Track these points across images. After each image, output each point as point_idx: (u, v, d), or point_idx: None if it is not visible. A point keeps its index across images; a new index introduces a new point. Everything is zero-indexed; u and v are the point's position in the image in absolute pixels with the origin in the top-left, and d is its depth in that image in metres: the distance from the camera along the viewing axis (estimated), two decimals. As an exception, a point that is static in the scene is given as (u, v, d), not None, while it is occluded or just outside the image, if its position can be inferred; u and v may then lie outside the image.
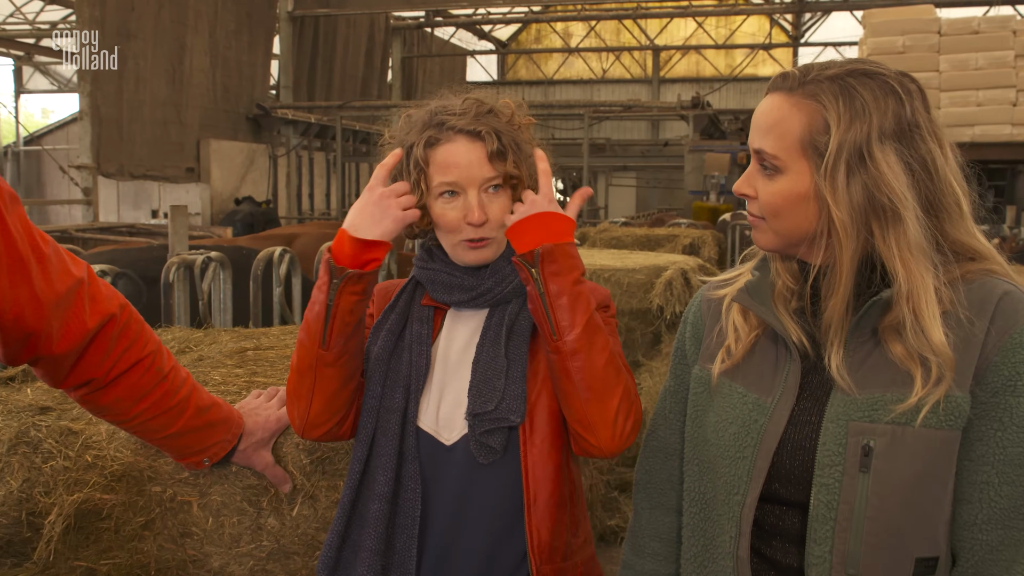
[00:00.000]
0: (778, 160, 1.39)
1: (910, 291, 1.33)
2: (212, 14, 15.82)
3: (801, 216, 1.39)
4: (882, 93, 1.36)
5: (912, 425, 1.31)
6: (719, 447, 1.49)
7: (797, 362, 1.43)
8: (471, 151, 1.61)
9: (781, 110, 1.40)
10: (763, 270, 1.53)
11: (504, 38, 29.65)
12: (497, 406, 1.57)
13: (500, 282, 1.65)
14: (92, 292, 1.60)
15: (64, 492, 1.88)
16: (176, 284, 4.43)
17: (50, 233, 11.19)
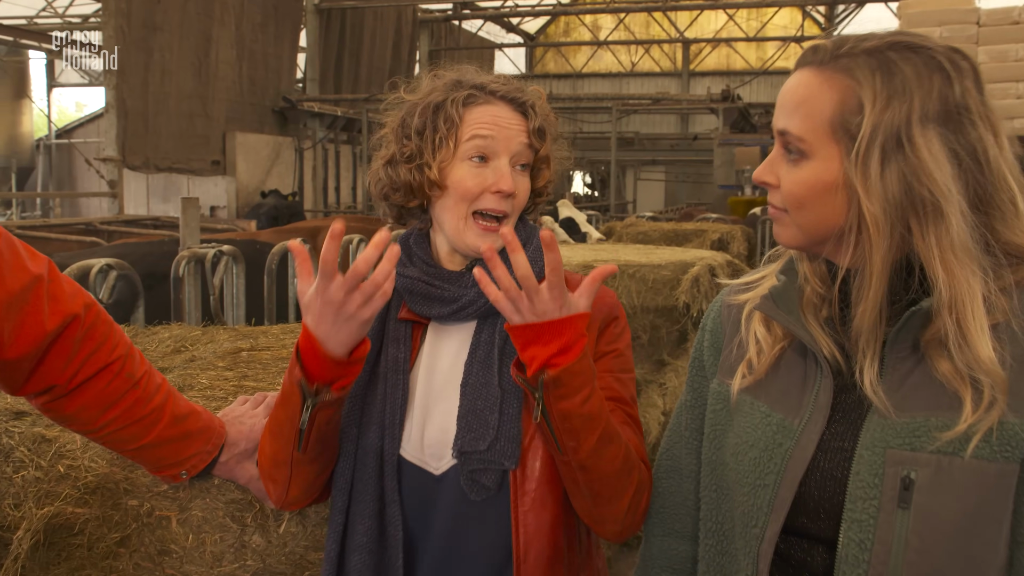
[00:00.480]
0: (804, 143, 1.21)
1: (953, 299, 1.15)
2: (238, 6, 15.76)
3: (828, 209, 1.21)
4: (927, 70, 1.17)
5: (960, 455, 1.13)
6: (738, 472, 1.31)
7: (829, 378, 1.25)
8: (513, 118, 1.49)
9: (810, 87, 1.22)
10: (790, 273, 1.36)
11: (532, 31, 29.43)
12: (490, 446, 1.40)
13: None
14: (53, 291, 1.46)
15: (34, 505, 1.74)
16: (187, 278, 4.31)
17: (74, 225, 11.22)
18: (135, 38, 12.98)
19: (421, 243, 1.56)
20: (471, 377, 1.46)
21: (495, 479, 1.42)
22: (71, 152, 25.42)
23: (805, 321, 1.30)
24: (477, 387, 1.44)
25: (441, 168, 1.48)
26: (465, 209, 1.47)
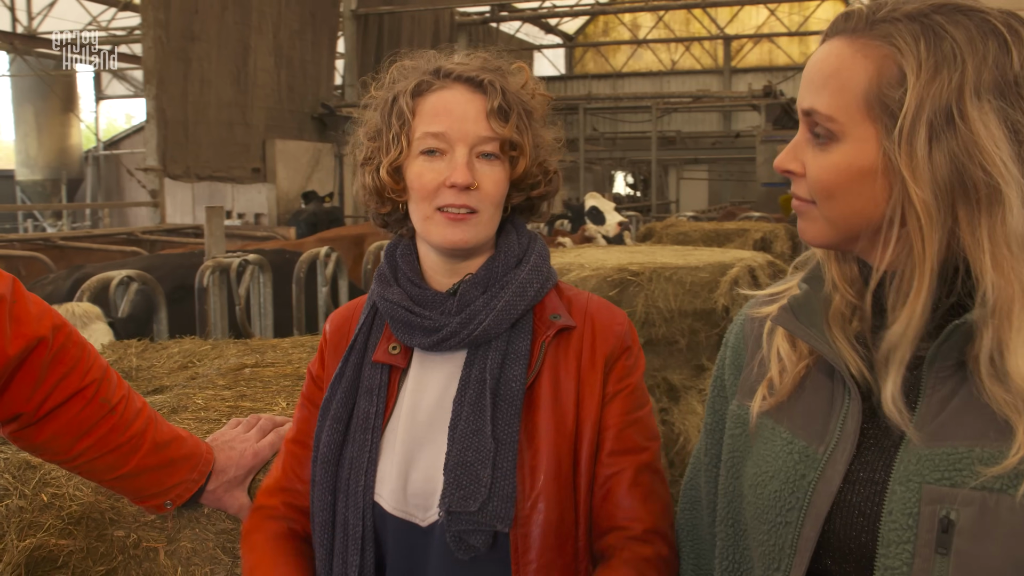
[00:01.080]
0: (834, 123, 1.05)
1: (999, 302, 0.98)
2: (276, 14, 15.83)
3: (864, 198, 1.05)
4: (980, 34, 1.00)
5: (1010, 493, 0.96)
6: (757, 507, 1.16)
7: (857, 401, 1.09)
8: (469, 102, 1.33)
9: (840, 57, 1.06)
10: (814, 282, 1.19)
11: (571, 31, 29.26)
12: (482, 507, 1.25)
13: (470, 320, 1.33)
14: (16, 312, 1.35)
15: (16, 537, 1.64)
16: (211, 289, 4.24)
17: (116, 235, 11.31)
18: (174, 48, 13.08)
19: (407, 255, 1.43)
20: (460, 421, 1.31)
21: (486, 541, 1.28)
22: (118, 163, 25.79)
23: (830, 335, 1.14)
24: (467, 435, 1.30)
25: (398, 167, 1.36)
26: (427, 208, 1.34)
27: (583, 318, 1.39)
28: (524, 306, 1.36)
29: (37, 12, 19.19)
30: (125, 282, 3.60)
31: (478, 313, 1.34)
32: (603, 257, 5.36)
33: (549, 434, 1.31)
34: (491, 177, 1.35)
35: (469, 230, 1.33)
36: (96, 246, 10.16)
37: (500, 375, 1.32)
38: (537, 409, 1.33)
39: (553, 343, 1.37)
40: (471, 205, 1.33)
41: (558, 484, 1.30)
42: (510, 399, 1.31)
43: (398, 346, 1.39)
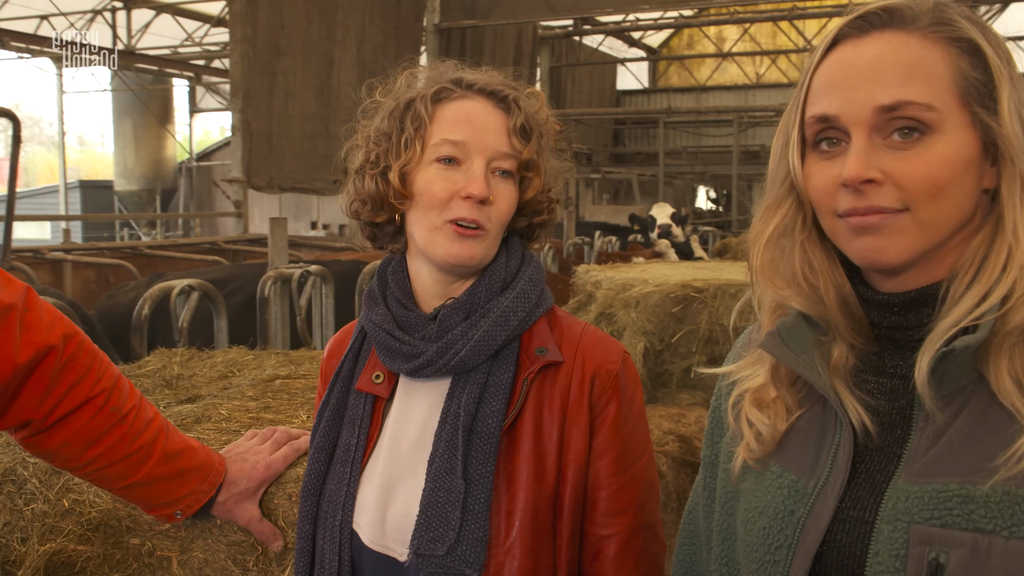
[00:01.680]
0: (934, 111, 0.98)
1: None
2: (360, 29, 16.11)
3: (965, 191, 1.00)
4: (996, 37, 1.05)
5: (1003, 535, 0.88)
6: (747, 544, 1.10)
7: (848, 432, 1.03)
8: (491, 115, 1.30)
9: (910, 47, 1.00)
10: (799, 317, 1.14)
11: (655, 45, 29.05)
12: (449, 551, 1.22)
13: (447, 348, 1.28)
14: (28, 321, 1.38)
15: (37, 541, 1.68)
16: (272, 299, 4.31)
17: (199, 245, 11.64)
18: (260, 63, 13.41)
19: (398, 273, 1.39)
20: (436, 458, 1.27)
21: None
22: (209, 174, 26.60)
23: (824, 366, 1.07)
24: (440, 473, 1.25)
25: (406, 172, 1.31)
26: (436, 219, 1.29)
27: (574, 352, 1.32)
28: (505, 336, 1.30)
29: (136, 30, 19.93)
30: (186, 291, 3.68)
31: (456, 341, 1.29)
32: (668, 273, 5.28)
33: (528, 479, 1.26)
34: (504, 195, 1.31)
35: (476, 247, 1.30)
36: (180, 255, 10.48)
37: (477, 411, 1.27)
38: (517, 451, 1.27)
39: (538, 379, 1.30)
40: (481, 221, 1.29)
41: (535, 531, 1.25)
42: (486, 437, 1.26)
43: (381, 375, 1.36)
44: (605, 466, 1.30)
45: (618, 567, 1.30)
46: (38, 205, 26.49)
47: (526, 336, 1.33)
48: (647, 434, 1.36)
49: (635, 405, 1.34)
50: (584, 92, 26.19)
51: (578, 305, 5.37)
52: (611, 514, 1.30)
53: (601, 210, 18.04)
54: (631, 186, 20.61)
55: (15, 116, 7.35)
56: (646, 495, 1.34)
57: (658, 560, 1.35)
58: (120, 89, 22.49)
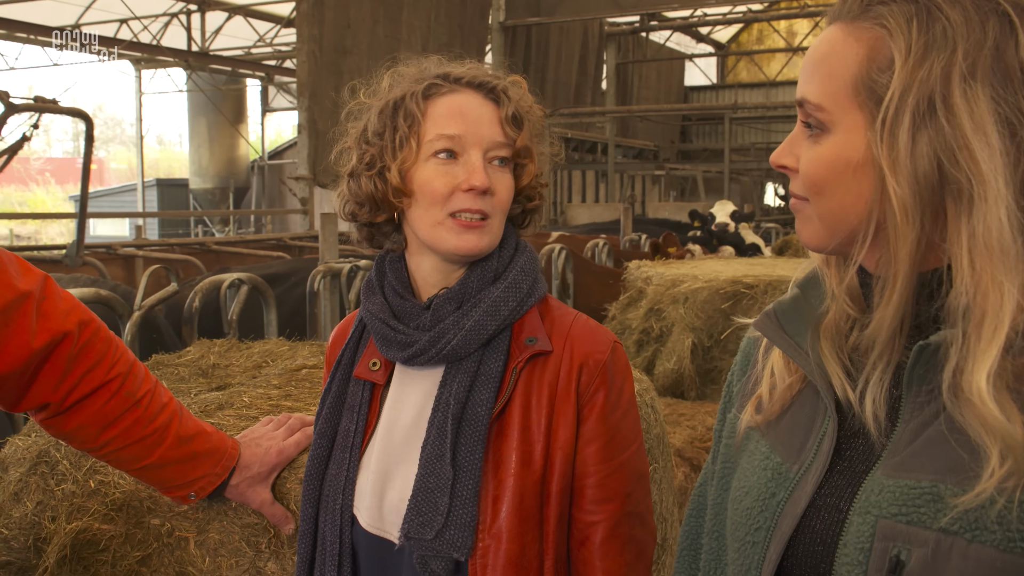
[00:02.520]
0: (823, 112, 0.98)
1: (971, 308, 0.89)
2: (425, 28, 16.26)
3: (853, 193, 0.97)
4: (979, 14, 0.91)
5: (966, 538, 0.86)
6: (733, 522, 1.11)
7: (834, 419, 1.02)
8: (482, 107, 1.32)
9: (832, 43, 0.99)
10: (808, 288, 1.13)
11: (724, 40, 28.69)
12: (438, 535, 1.25)
13: (439, 337, 1.31)
14: (45, 308, 1.45)
15: (65, 520, 1.76)
16: (322, 293, 4.39)
17: (265, 241, 11.89)
18: (326, 62, 13.64)
19: (396, 264, 1.41)
20: (429, 443, 1.30)
21: (447, 567, 1.27)
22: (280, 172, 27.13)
23: (816, 345, 1.06)
24: (431, 460, 1.28)
25: (404, 171, 1.32)
26: (438, 214, 1.31)
27: (563, 342, 1.33)
28: (496, 325, 1.32)
29: (210, 32, 20.44)
30: (236, 284, 3.78)
31: (447, 331, 1.31)
32: (720, 269, 5.23)
33: (515, 465, 1.28)
34: (504, 183, 1.33)
35: (484, 237, 1.32)
36: (247, 251, 10.73)
37: (467, 399, 1.30)
38: (505, 438, 1.30)
39: (527, 368, 1.32)
40: (485, 210, 1.31)
41: (521, 516, 1.27)
42: (475, 425, 1.28)
43: (378, 362, 1.39)
44: (592, 454, 1.32)
45: (604, 554, 1.31)
46: (117, 203, 27.40)
47: (517, 325, 1.35)
48: (637, 423, 1.37)
49: (624, 395, 1.35)
50: (651, 89, 26.01)
51: (629, 301, 5.36)
52: (598, 501, 1.32)
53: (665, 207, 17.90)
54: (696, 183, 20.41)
55: (87, 116, 7.62)
56: (634, 484, 1.35)
57: (646, 548, 1.36)
58: (195, 90, 23.09)
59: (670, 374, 4.68)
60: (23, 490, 1.85)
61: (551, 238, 8.92)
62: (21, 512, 1.83)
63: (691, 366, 4.69)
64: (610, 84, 24.19)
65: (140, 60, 23.62)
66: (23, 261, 1.46)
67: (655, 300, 4.95)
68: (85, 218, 8.00)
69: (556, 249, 5.95)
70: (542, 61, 20.95)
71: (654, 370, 4.83)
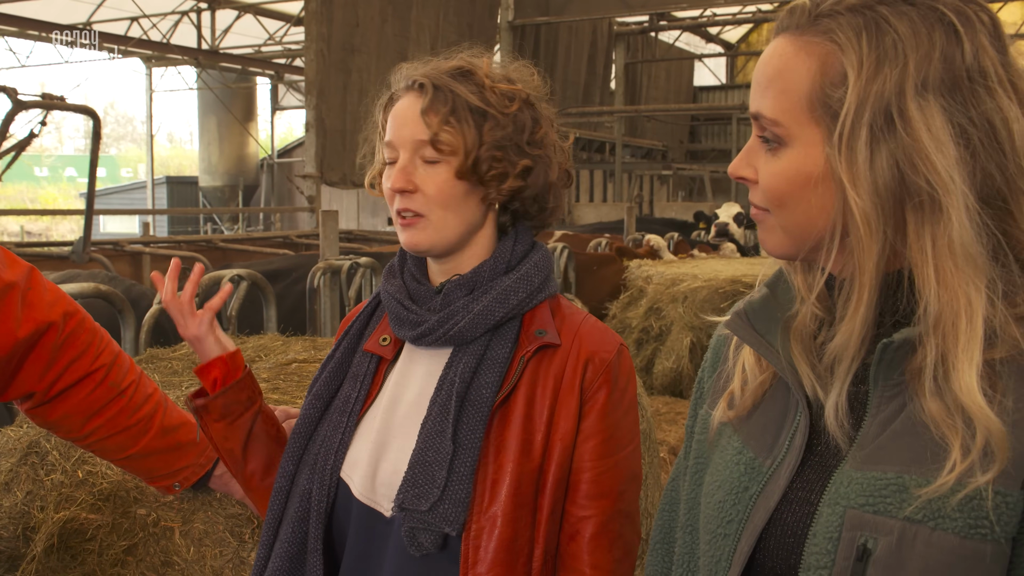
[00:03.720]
0: (779, 127, 1.00)
1: (942, 315, 0.91)
2: (434, 27, 16.28)
3: (815, 206, 1.00)
4: (926, 25, 0.93)
5: (929, 526, 0.89)
6: (706, 516, 1.13)
7: (806, 415, 1.04)
8: (409, 107, 1.35)
9: (784, 57, 1.00)
10: (777, 287, 1.15)
11: (734, 40, 28.64)
12: (432, 508, 1.27)
13: (448, 319, 1.34)
14: (30, 298, 1.47)
15: (53, 509, 1.78)
16: (322, 290, 4.42)
17: (272, 239, 11.93)
18: (334, 60, 13.67)
19: None
20: (429, 420, 1.33)
21: (435, 541, 1.30)
22: (290, 170, 27.22)
23: (785, 344, 1.09)
24: (432, 434, 1.32)
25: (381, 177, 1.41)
26: (393, 213, 1.39)
27: (572, 338, 1.37)
28: (504, 312, 1.35)
29: (220, 30, 20.51)
30: (236, 280, 3.80)
31: (456, 313, 1.35)
32: (720, 268, 5.24)
33: (516, 452, 1.31)
34: (432, 180, 1.35)
35: (418, 233, 1.36)
36: (253, 248, 10.77)
37: (472, 380, 1.33)
38: (508, 425, 1.33)
39: (534, 359, 1.36)
40: (413, 209, 1.35)
41: (516, 503, 1.30)
42: (478, 405, 1.32)
43: (388, 338, 1.44)
44: (590, 449, 1.34)
45: (593, 548, 1.34)
46: (127, 200, 27.52)
47: (527, 317, 1.39)
48: (635, 425, 1.40)
49: (626, 396, 1.38)
50: (660, 88, 25.97)
51: (629, 300, 5.38)
52: (592, 497, 1.34)
53: (671, 207, 17.89)
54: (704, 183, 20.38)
55: (95, 113, 7.66)
56: (627, 483, 1.37)
57: (632, 547, 1.38)
58: (205, 88, 23.18)
59: (669, 373, 4.69)
60: (13, 480, 1.88)
61: (554, 237, 8.93)
62: (11, 502, 1.85)
63: (690, 365, 4.70)
64: (619, 84, 24.17)
65: (151, 58, 23.70)
66: (9, 253, 1.48)
67: (655, 299, 4.96)
68: (92, 214, 8.04)
69: (558, 248, 5.96)
70: (551, 60, 20.95)
71: (653, 369, 4.84)
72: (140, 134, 44.22)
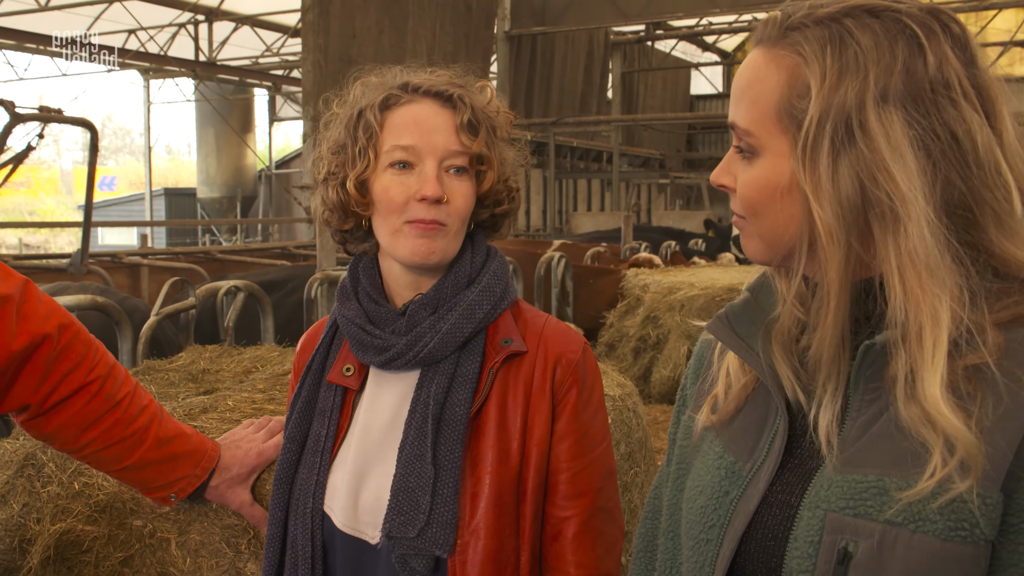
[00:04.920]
0: (751, 136, 1.02)
1: (907, 324, 0.93)
2: (430, 37, 16.31)
3: (786, 215, 1.01)
4: (888, 37, 0.95)
5: (908, 528, 0.90)
6: (688, 521, 1.14)
7: (785, 418, 1.05)
8: (437, 116, 1.34)
9: (755, 69, 1.03)
10: (760, 292, 1.16)
11: (730, 48, 28.71)
12: (420, 533, 1.27)
13: (416, 341, 1.33)
14: (24, 311, 1.48)
15: (49, 521, 1.79)
16: (319, 301, 4.42)
17: (270, 250, 11.93)
18: (331, 71, 13.67)
19: (369, 271, 1.44)
20: (407, 445, 1.33)
21: (427, 564, 1.30)
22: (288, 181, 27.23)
23: (767, 347, 1.09)
24: (411, 459, 1.31)
25: (363, 181, 1.36)
26: (396, 222, 1.35)
27: (537, 342, 1.37)
28: (471, 328, 1.35)
29: (217, 42, 20.55)
30: (233, 291, 3.81)
31: (424, 335, 1.34)
32: (716, 277, 5.25)
33: (493, 462, 1.31)
34: (460, 191, 1.36)
35: (438, 243, 1.34)
36: (251, 259, 10.77)
37: (445, 400, 1.32)
38: (482, 437, 1.33)
39: (503, 369, 1.36)
40: (440, 219, 1.34)
41: (498, 513, 1.30)
42: (454, 424, 1.31)
43: (352, 367, 1.42)
44: (565, 450, 1.35)
45: (577, 547, 1.34)
46: (125, 212, 27.54)
47: (491, 328, 1.38)
48: (606, 422, 1.40)
49: (595, 393, 1.39)
50: (657, 97, 26.02)
51: (627, 308, 5.38)
52: (570, 496, 1.35)
53: (669, 216, 17.92)
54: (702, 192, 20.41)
55: (92, 125, 7.68)
56: (604, 480, 1.38)
57: (615, 542, 1.39)
58: (203, 100, 23.22)
59: (666, 381, 4.70)
60: (9, 492, 1.88)
61: (553, 246, 8.95)
62: (7, 514, 1.85)
63: (687, 373, 4.71)
64: (615, 93, 24.21)
65: (148, 70, 23.74)
66: (3, 265, 1.49)
67: (652, 308, 4.97)
68: (90, 227, 8.05)
69: (555, 257, 5.97)
70: (547, 70, 21.00)
71: (651, 377, 4.85)
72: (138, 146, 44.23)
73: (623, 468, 2.05)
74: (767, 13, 1.06)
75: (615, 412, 2.04)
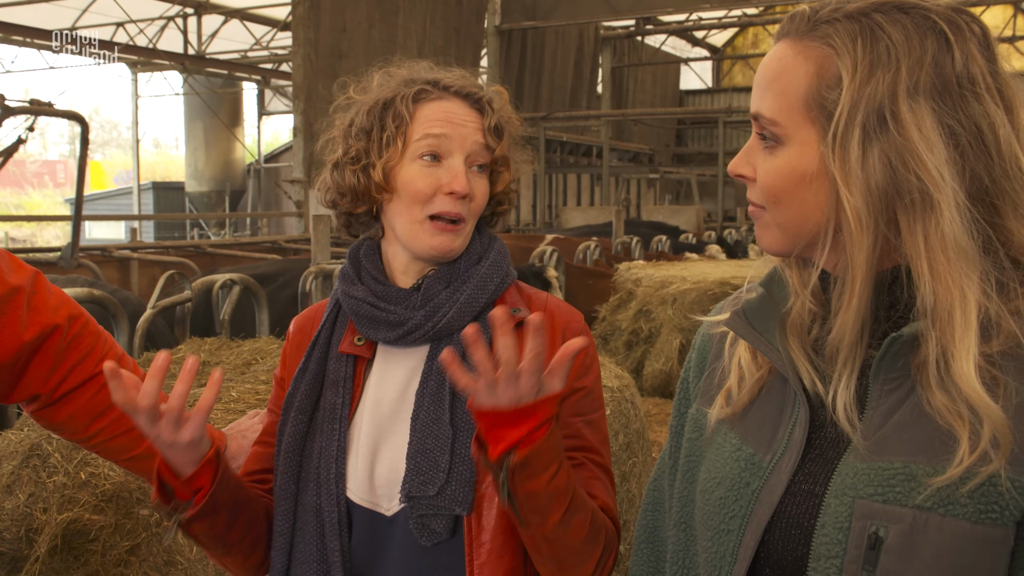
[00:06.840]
0: (777, 126, 1.05)
1: (938, 308, 0.96)
2: (421, 32, 16.31)
3: (809, 203, 1.04)
4: (918, 33, 0.99)
5: (938, 512, 0.93)
6: (705, 513, 1.15)
7: (805, 410, 1.08)
8: (467, 114, 1.39)
9: (783, 60, 1.05)
10: (773, 286, 1.18)
11: (719, 44, 28.80)
12: (440, 491, 1.29)
13: (434, 313, 1.36)
14: (35, 302, 1.49)
15: (56, 511, 1.80)
16: (314, 294, 4.44)
17: (260, 244, 11.93)
18: (322, 65, 13.68)
19: (371, 256, 1.46)
20: (421, 411, 1.35)
21: (447, 525, 1.31)
22: (277, 175, 27.17)
23: (783, 342, 1.12)
24: (427, 423, 1.34)
25: (389, 169, 1.38)
26: (419, 212, 1.37)
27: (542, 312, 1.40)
28: (486, 299, 1.39)
29: (206, 35, 20.48)
30: (228, 285, 3.82)
31: (442, 306, 1.37)
32: (708, 271, 5.28)
33: None
34: (481, 189, 1.40)
35: (457, 239, 1.38)
36: (242, 253, 10.76)
37: None
38: None
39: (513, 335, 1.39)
40: (462, 214, 1.37)
41: None
42: None
43: (363, 339, 1.44)
44: (568, 408, 1.37)
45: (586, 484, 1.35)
46: (113, 206, 27.43)
47: (499, 302, 1.42)
48: (602, 396, 1.44)
49: (595, 363, 1.43)
50: (647, 92, 26.10)
51: (619, 303, 5.41)
52: (575, 449, 1.37)
53: (659, 210, 17.97)
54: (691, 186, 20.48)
55: (82, 118, 7.67)
56: (603, 444, 1.41)
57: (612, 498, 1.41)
58: (191, 93, 23.13)
59: (659, 374, 4.73)
60: (15, 482, 1.90)
61: (545, 240, 8.97)
62: (13, 504, 1.87)
63: (679, 367, 4.74)
64: (605, 88, 24.27)
65: (136, 63, 23.66)
66: (14, 257, 1.51)
67: (644, 301, 5.00)
68: (80, 220, 8.04)
69: (547, 251, 6.00)
70: (537, 65, 21.02)
71: (643, 370, 4.88)
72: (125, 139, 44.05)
73: (622, 458, 2.09)
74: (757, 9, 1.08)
75: (614, 403, 2.07)
